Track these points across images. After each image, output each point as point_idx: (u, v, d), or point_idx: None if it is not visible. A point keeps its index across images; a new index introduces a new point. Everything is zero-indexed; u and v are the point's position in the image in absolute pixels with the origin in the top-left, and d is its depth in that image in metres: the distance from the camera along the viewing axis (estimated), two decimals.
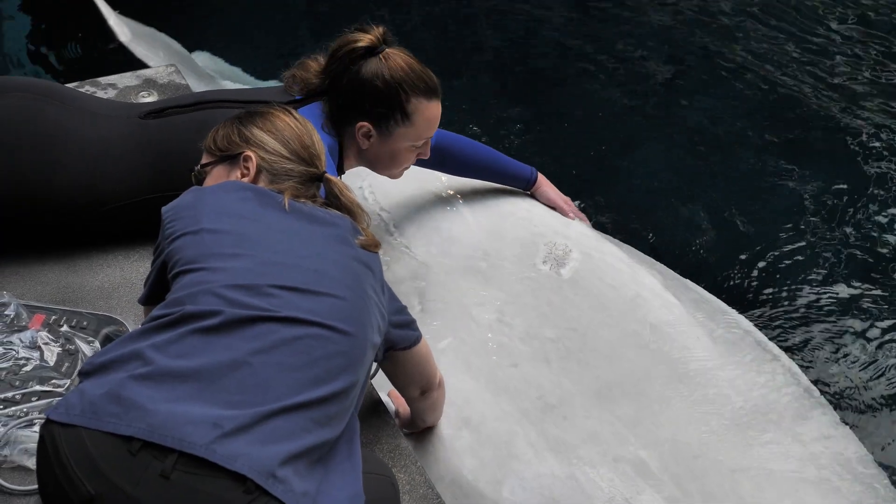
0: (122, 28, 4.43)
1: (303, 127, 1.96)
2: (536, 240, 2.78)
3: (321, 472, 1.57)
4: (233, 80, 4.44)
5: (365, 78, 2.35)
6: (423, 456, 2.26)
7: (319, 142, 1.96)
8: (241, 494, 1.47)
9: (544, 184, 2.94)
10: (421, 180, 2.89)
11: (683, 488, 2.23)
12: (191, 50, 4.62)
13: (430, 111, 2.38)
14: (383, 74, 2.34)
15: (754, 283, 3.43)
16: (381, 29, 2.38)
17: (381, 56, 2.35)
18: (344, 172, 2.50)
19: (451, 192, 2.93)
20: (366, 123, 2.38)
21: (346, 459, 1.63)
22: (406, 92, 2.35)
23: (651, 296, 2.65)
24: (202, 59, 4.65)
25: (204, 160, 2.02)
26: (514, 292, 2.65)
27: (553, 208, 2.92)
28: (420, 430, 2.31)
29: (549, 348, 2.51)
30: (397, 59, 2.37)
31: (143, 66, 3.75)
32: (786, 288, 3.41)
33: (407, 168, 2.53)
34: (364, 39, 2.36)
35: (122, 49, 4.34)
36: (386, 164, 2.48)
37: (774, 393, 2.46)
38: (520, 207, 2.90)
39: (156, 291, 1.83)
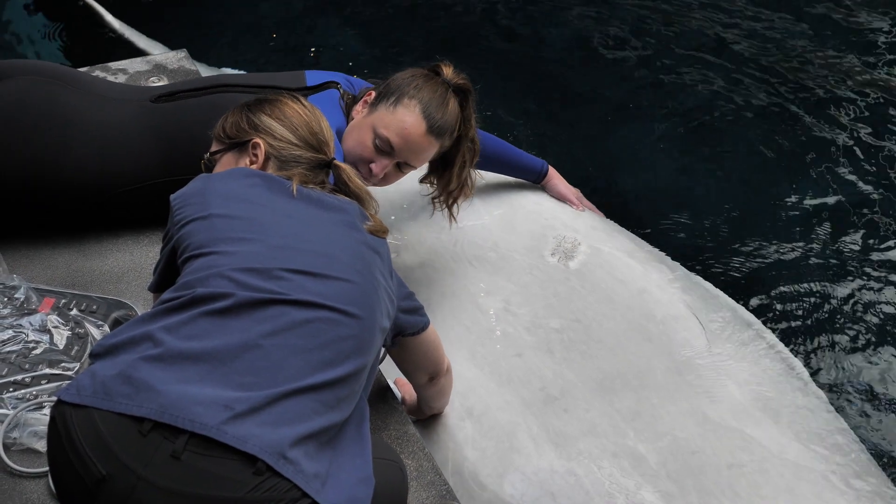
0: (119, 24, 4.47)
1: (311, 114, 1.96)
2: (546, 232, 2.79)
3: (331, 455, 1.57)
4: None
5: (411, 70, 2.44)
6: (426, 444, 2.25)
7: (328, 128, 1.97)
8: (251, 475, 1.47)
9: (555, 177, 2.95)
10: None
11: (680, 484, 2.23)
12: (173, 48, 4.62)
13: (412, 121, 2.36)
14: (419, 78, 2.41)
15: (761, 280, 3.42)
16: (465, 81, 2.45)
17: (434, 77, 2.42)
18: None
19: None
20: (373, 93, 2.44)
21: (355, 442, 1.64)
22: (415, 92, 2.38)
23: (657, 290, 2.66)
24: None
25: (213, 148, 2.03)
26: (522, 283, 2.66)
27: (563, 201, 2.93)
28: (426, 417, 2.32)
29: (554, 339, 2.52)
30: (440, 88, 2.41)
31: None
32: (792, 284, 3.40)
33: (364, 176, 2.42)
34: (447, 69, 2.45)
35: (121, 40, 4.36)
36: (349, 141, 2.41)
37: (775, 389, 2.46)
38: (530, 200, 2.91)
39: (165, 278, 1.84)
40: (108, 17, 4.55)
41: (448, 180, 2.55)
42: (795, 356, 2.62)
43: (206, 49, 4.61)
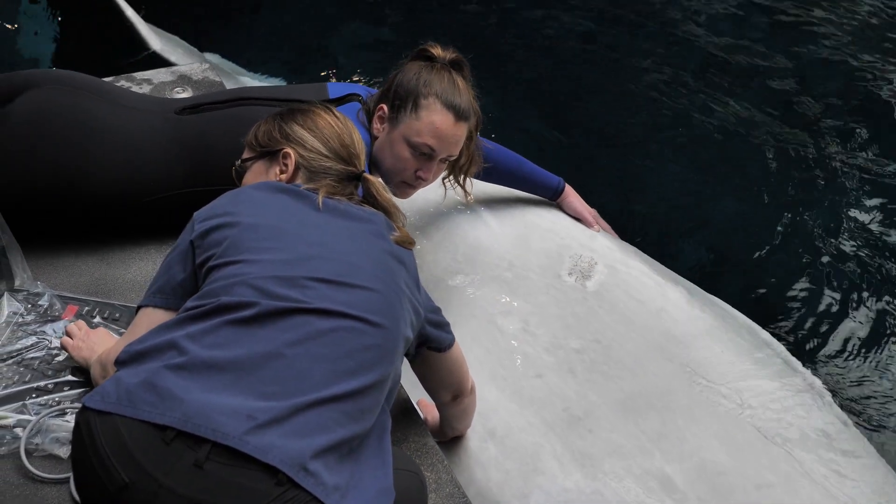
0: (151, 35, 4.50)
1: (343, 126, 1.97)
2: (562, 251, 2.78)
3: (351, 466, 1.57)
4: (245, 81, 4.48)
5: (406, 68, 2.44)
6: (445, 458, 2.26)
7: (360, 141, 1.97)
8: (272, 486, 1.47)
9: (571, 194, 2.94)
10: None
11: None
12: (202, 51, 4.67)
13: (440, 117, 2.38)
14: (421, 72, 2.42)
15: (778, 299, 3.43)
16: (456, 54, 2.48)
17: (433, 64, 2.43)
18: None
19: (476, 201, 2.93)
20: (384, 106, 2.43)
21: (376, 454, 1.64)
22: (427, 88, 2.39)
23: (676, 309, 2.65)
24: (213, 60, 4.70)
25: (245, 155, 2.04)
26: (539, 303, 2.65)
27: (578, 220, 2.93)
28: (448, 438, 2.30)
29: (574, 359, 2.51)
30: (444, 72, 2.42)
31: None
32: (809, 304, 3.40)
33: (409, 186, 2.49)
34: (435, 49, 2.46)
35: (155, 56, 4.40)
36: (386, 161, 2.44)
37: (798, 409, 2.45)
38: (545, 218, 2.90)
39: (171, 285, 1.82)
40: (141, 27, 4.58)
41: (458, 155, 2.54)
42: (815, 374, 2.61)
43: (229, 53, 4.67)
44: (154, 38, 4.44)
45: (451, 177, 2.69)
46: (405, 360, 1.91)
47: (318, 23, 5.34)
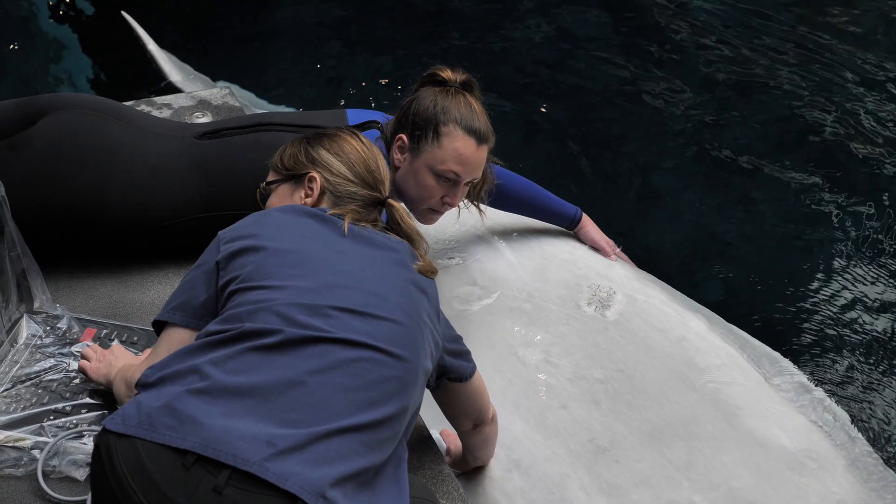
0: (168, 64, 4.53)
1: (369, 151, 1.97)
2: (580, 282, 2.78)
3: (369, 494, 1.56)
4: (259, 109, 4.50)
5: (421, 96, 2.42)
6: (473, 498, 2.23)
7: (385, 167, 1.97)
8: None
9: (588, 224, 2.94)
10: (462, 220, 2.89)
11: None
12: (215, 80, 4.70)
13: (462, 143, 2.38)
14: (437, 98, 2.40)
15: (798, 328, 3.41)
16: (466, 76, 2.47)
17: (447, 89, 2.42)
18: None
19: (493, 233, 2.94)
20: (403, 136, 2.42)
21: (393, 485, 1.62)
22: (446, 115, 2.38)
23: (697, 339, 2.65)
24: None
25: (270, 178, 2.04)
26: (560, 333, 2.64)
27: (596, 249, 2.92)
28: (471, 468, 2.28)
29: (598, 389, 2.49)
30: (459, 96, 2.41)
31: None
32: (829, 332, 3.39)
33: (435, 213, 2.50)
34: (446, 73, 2.45)
35: (170, 86, 4.44)
36: (411, 191, 2.44)
37: (823, 438, 2.44)
38: (562, 249, 2.90)
39: (192, 304, 1.80)
40: (157, 55, 4.63)
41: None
42: (838, 403, 2.61)
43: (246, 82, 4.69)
44: (170, 66, 4.48)
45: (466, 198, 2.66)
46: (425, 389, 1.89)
47: (331, 51, 5.37)
